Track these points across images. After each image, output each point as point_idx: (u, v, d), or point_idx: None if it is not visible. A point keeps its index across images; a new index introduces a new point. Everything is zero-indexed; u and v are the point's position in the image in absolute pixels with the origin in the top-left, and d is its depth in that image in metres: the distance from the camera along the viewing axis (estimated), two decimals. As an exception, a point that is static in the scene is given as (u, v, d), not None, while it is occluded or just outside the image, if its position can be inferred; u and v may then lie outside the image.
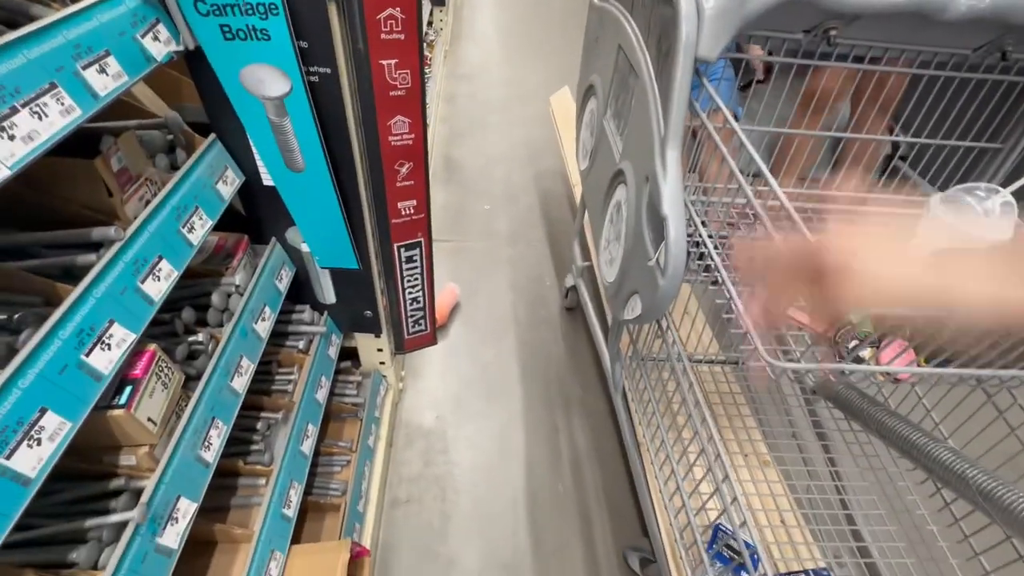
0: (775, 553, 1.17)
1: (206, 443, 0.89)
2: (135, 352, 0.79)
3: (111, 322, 0.71)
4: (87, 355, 0.67)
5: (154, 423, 0.78)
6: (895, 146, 1.36)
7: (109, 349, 0.70)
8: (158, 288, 0.80)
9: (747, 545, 0.86)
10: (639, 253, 1.03)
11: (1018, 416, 1.02)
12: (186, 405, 0.86)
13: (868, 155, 1.29)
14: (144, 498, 0.76)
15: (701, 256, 1.16)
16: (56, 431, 0.62)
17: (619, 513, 1.61)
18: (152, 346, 0.79)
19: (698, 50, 0.87)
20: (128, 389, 0.74)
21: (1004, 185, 0.92)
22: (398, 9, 0.91)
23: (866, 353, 0.82)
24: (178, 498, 0.81)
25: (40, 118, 0.61)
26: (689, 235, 0.98)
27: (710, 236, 1.03)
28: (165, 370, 0.81)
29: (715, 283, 1.05)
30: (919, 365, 0.81)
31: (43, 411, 0.61)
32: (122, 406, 0.72)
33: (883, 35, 0.94)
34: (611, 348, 1.48)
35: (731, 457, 1.35)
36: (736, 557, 0.88)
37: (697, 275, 1.20)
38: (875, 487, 1.24)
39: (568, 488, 1.66)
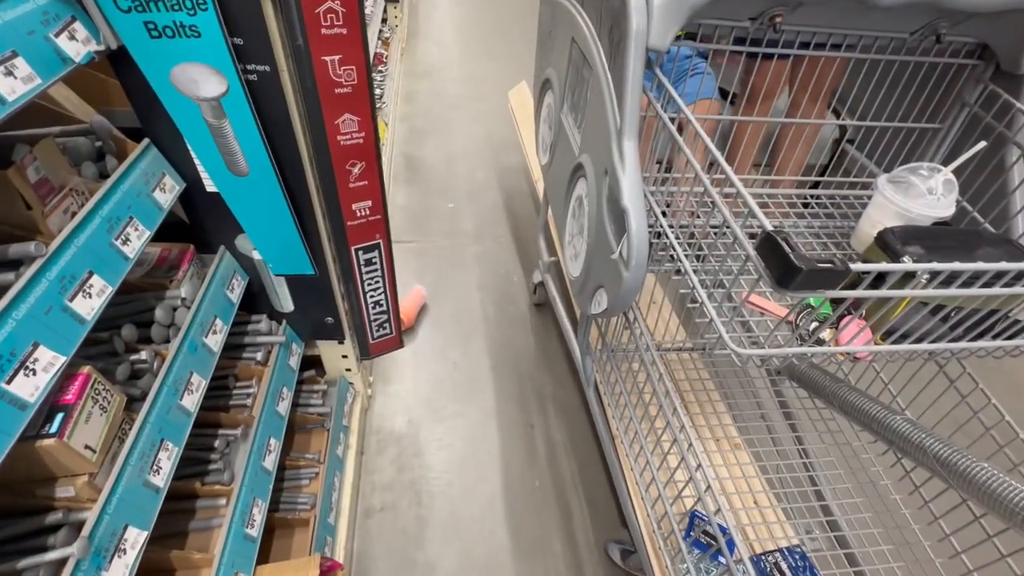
0: (750, 534, 1.18)
1: (155, 467, 0.83)
2: (67, 376, 0.73)
3: (35, 345, 0.66)
4: (8, 383, 0.62)
5: (92, 450, 0.73)
6: (843, 129, 1.39)
7: (35, 375, 0.65)
8: (90, 306, 0.74)
9: (722, 530, 0.86)
10: (602, 246, 1.02)
11: (968, 384, 1.06)
12: (130, 428, 0.81)
13: (805, 139, 1.33)
14: (85, 531, 0.70)
15: (664, 247, 1.17)
16: (-26, 468, 0.56)
17: (597, 506, 1.61)
18: (86, 368, 0.74)
19: (649, 39, 0.87)
20: (60, 416, 0.68)
21: (944, 164, 0.95)
22: (337, 2, 0.87)
23: (826, 334, 0.83)
24: (125, 528, 0.76)
25: (-65, 126, 0.55)
26: (651, 225, 0.97)
27: (671, 226, 1.04)
28: (103, 392, 0.76)
29: (678, 272, 1.06)
30: (876, 343, 0.83)
31: (-43, 448, 0.55)
32: (53, 435, 0.67)
33: (825, 20, 0.96)
34: (581, 342, 1.47)
35: (703, 443, 1.36)
36: (713, 543, 0.88)
37: (661, 265, 1.20)
38: (841, 462, 1.27)
39: (545, 483, 1.66)
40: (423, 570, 1.45)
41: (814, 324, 0.85)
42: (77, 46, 0.76)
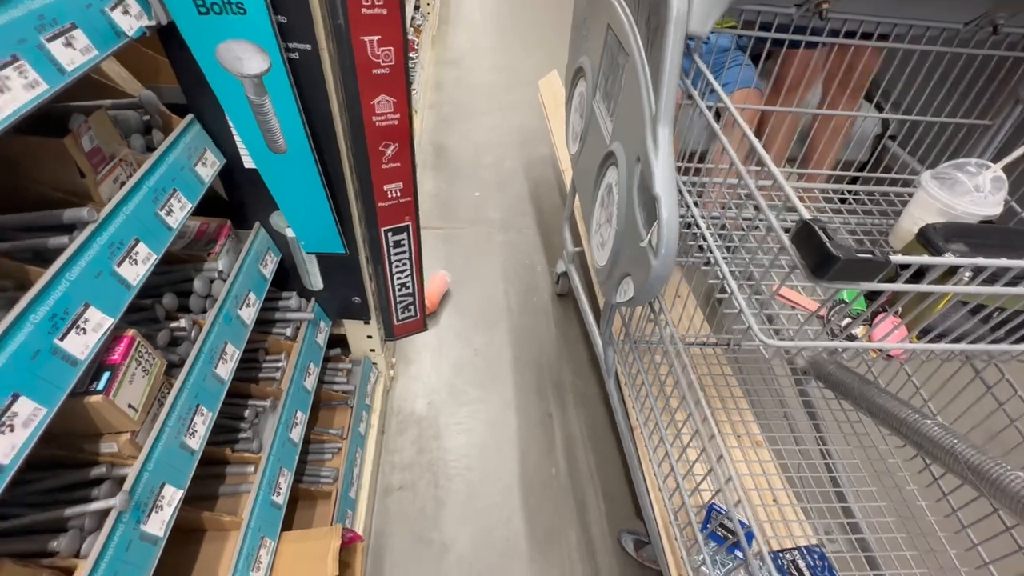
0: (768, 532, 1.17)
1: (191, 430, 0.87)
2: (113, 337, 0.77)
3: (86, 306, 0.69)
4: (61, 339, 0.65)
5: (135, 409, 0.76)
6: (885, 125, 1.35)
7: (84, 333, 0.68)
8: (136, 272, 0.78)
9: (741, 524, 0.86)
10: (631, 235, 1.02)
11: (1006, 391, 1.03)
12: (169, 392, 0.84)
13: (838, 133, 1.29)
14: (127, 485, 0.74)
15: (694, 236, 1.15)
16: (30, 417, 0.60)
17: (613, 496, 1.61)
18: (131, 331, 0.77)
19: (689, 25, 0.86)
20: (106, 375, 0.72)
21: (994, 161, 0.91)
22: (379, -18, 0.88)
23: (859, 331, 0.81)
24: (163, 485, 0.80)
25: (2, 91, 0.58)
26: (681, 216, 0.96)
27: (703, 217, 1.02)
28: (145, 356, 0.79)
29: (707, 263, 1.05)
30: (911, 342, 0.81)
31: (15, 396, 0.59)
32: (100, 392, 0.70)
33: (874, 9, 0.93)
34: (603, 332, 1.47)
35: (724, 438, 1.35)
36: (730, 536, 0.88)
37: (688, 256, 1.19)
38: (865, 464, 1.25)
39: (562, 472, 1.67)
40: (438, 550, 1.48)
41: (847, 320, 0.83)
42: (130, 20, 0.78)
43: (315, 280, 1.35)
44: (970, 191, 0.88)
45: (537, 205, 2.70)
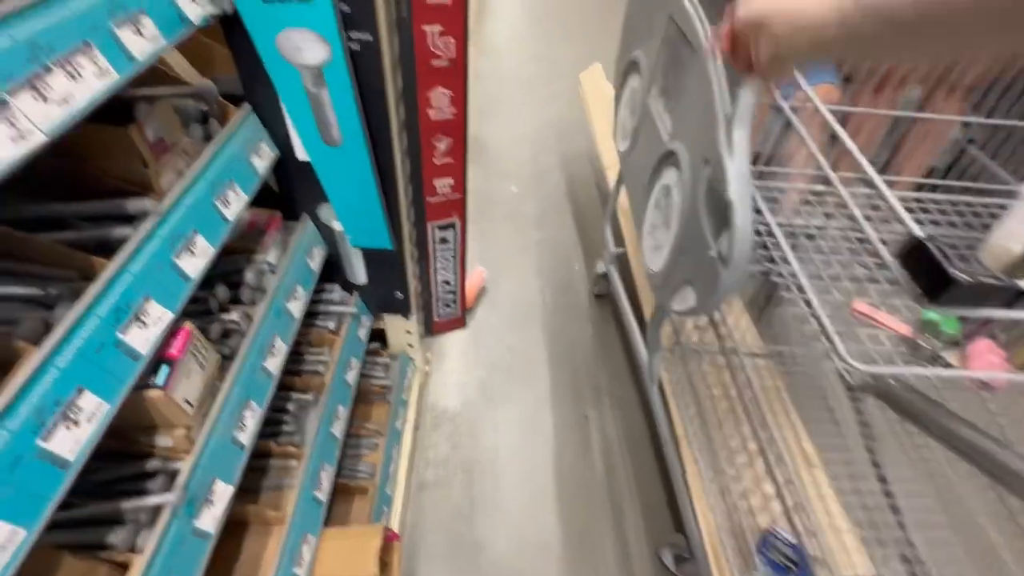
0: (828, 559, 1.12)
1: (241, 425, 0.86)
2: (171, 330, 0.76)
3: (147, 299, 0.68)
4: (124, 333, 0.64)
5: (191, 404, 0.75)
6: (965, 129, 1.26)
7: (145, 327, 0.67)
8: (194, 265, 0.77)
9: (804, 553, 0.81)
10: (694, 241, 0.96)
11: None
12: (221, 385, 0.84)
13: (935, 138, 1.20)
14: (181, 480, 0.74)
15: (764, 246, 1.09)
16: (94, 412, 0.59)
17: (651, 505, 1.57)
18: (188, 325, 0.76)
19: (775, 17, 0.79)
20: (165, 369, 0.71)
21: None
22: (446, -30, 0.84)
23: (950, 356, 0.75)
24: (214, 480, 0.79)
25: (75, 79, 0.57)
26: (751, 222, 0.91)
27: (777, 224, 0.96)
28: (201, 350, 0.78)
29: (780, 275, 0.99)
30: (1013, 368, 0.74)
31: (80, 391, 0.58)
32: (159, 387, 0.69)
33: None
34: (650, 338, 1.42)
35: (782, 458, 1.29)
36: (792, 567, 0.83)
37: (758, 265, 1.13)
38: (931, 492, 1.17)
39: (598, 477, 1.63)
40: (472, 548, 1.46)
41: (936, 342, 0.77)
42: (196, 8, 0.77)
43: (359, 274, 1.33)
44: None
45: (575, 201, 2.64)
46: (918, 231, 0.57)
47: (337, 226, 1.20)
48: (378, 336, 1.59)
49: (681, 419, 1.36)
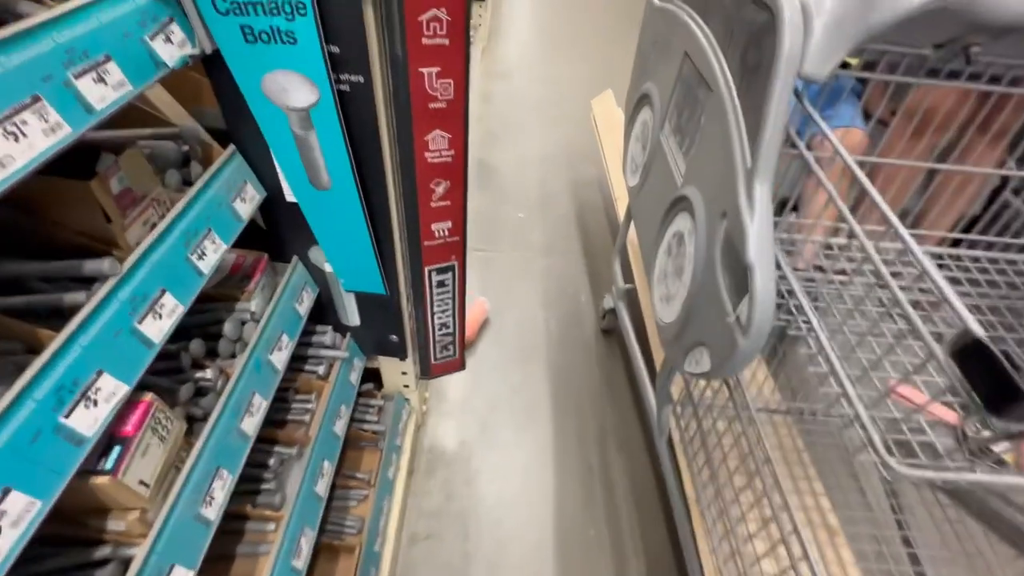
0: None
1: (208, 499, 0.78)
2: (128, 402, 0.69)
3: (99, 373, 0.61)
4: (67, 416, 0.57)
5: (146, 485, 0.68)
6: (1004, 179, 1.17)
7: (95, 406, 0.60)
8: (159, 328, 0.70)
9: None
10: (709, 300, 0.88)
11: None
12: (187, 455, 0.76)
13: (972, 190, 1.11)
14: (133, 569, 0.66)
15: (783, 297, 1.01)
16: (22, 514, 0.51)
17: (657, 564, 1.47)
18: (148, 396, 0.69)
19: (803, 66, 0.72)
20: (116, 450, 0.64)
21: None
22: (443, 10, 0.78)
23: (1002, 449, 0.66)
24: (172, 567, 0.71)
25: (16, 139, 0.51)
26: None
27: (796, 279, 0.88)
28: (163, 421, 0.71)
29: (798, 329, 0.90)
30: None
31: (6, 492, 0.50)
32: (108, 472, 0.62)
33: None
34: (659, 391, 1.33)
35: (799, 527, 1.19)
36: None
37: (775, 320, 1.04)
38: (966, 569, 1.07)
39: (601, 533, 1.53)
40: (464, 610, 1.36)
41: (986, 433, 0.68)
42: (172, 49, 0.71)
43: (352, 316, 1.26)
44: None
45: (583, 229, 2.57)
46: (977, 329, 0.48)
47: (328, 269, 1.14)
48: (372, 375, 1.51)
49: (691, 475, 1.27)
